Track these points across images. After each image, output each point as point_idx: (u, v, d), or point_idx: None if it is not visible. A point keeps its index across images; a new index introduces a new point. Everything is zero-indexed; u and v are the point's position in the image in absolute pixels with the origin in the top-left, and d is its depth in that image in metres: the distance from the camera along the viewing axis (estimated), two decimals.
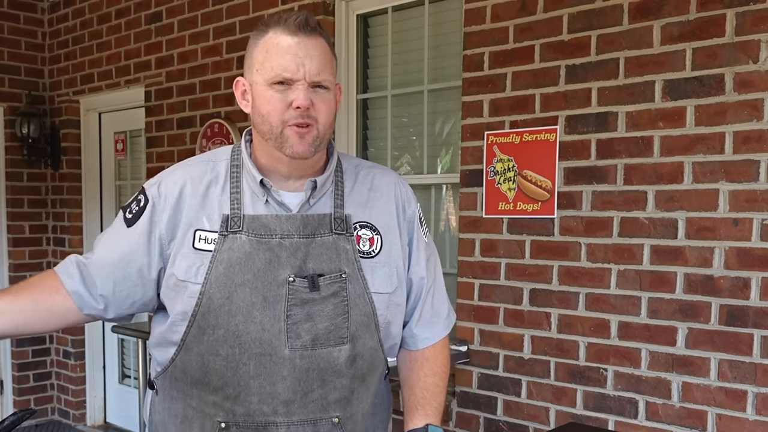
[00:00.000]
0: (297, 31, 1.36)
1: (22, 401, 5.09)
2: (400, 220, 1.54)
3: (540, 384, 2.75)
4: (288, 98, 1.36)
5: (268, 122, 1.38)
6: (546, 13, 2.68)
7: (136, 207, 1.45)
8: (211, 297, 1.37)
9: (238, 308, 1.37)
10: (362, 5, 3.47)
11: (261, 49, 1.38)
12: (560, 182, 2.67)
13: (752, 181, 2.26)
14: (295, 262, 1.40)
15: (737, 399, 2.30)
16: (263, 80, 1.37)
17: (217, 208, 1.42)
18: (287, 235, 1.40)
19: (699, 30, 2.34)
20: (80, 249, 5.06)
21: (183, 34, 4.13)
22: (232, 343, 1.38)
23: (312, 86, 1.37)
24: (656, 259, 2.45)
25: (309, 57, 1.36)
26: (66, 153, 5.05)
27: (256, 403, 1.40)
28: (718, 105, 2.31)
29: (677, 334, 2.42)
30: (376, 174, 1.56)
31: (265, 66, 1.37)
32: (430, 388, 1.55)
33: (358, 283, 1.44)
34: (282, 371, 1.39)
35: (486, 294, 2.89)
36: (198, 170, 1.47)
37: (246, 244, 1.39)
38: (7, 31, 4.98)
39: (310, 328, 1.39)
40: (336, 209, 1.46)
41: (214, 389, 1.42)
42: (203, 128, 3.99)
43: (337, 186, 1.49)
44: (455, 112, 3.15)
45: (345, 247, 1.44)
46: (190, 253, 1.40)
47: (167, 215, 1.42)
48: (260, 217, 1.41)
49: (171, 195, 1.43)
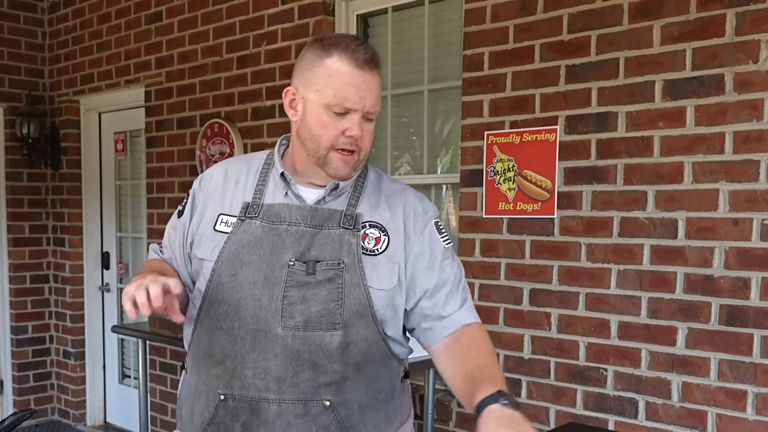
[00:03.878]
0: (363, 65, 1.44)
1: (22, 401, 5.09)
2: (410, 232, 1.56)
3: (540, 384, 2.76)
4: (342, 125, 1.45)
5: (316, 142, 1.47)
6: (546, 13, 2.68)
7: (186, 200, 1.65)
8: (220, 274, 1.49)
9: (241, 285, 1.48)
10: (362, 5, 3.48)
11: (324, 72, 1.45)
12: (560, 182, 2.67)
13: (752, 181, 2.26)
14: (299, 248, 1.48)
15: (737, 399, 2.30)
16: (321, 102, 1.45)
17: (241, 196, 1.55)
18: (294, 222, 1.50)
19: (699, 30, 2.34)
20: (80, 249, 5.07)
21: (183, 34, 4.13)
22: (233, 317, 1.48)
23: (364, 117, 1.46)
24: (656, 259, 2.45)
25: (369, 91, 1.45)
26: (66, 153, 5.05)
27: (250, 377, 1.48)
28: (718, 105, 2.31)
29: (677, 334, 2.42)
30: (396, 187, 1.62)
31: (327, 90, 1.44)
32: (488, 364, 1.45)
33: (356, 273, 1.48)
34: (275, 348, 1.46)
35: (486, 294, 2.89)
36: (234, 165, 1.62)
37: (258, 228, 1.51)
38: (7, 31, 4.98)
39: (303, 310, 1.46)
40: (348, 207, 1.54)
41: (217, 362, 1.51)
42: (203, 128, 3.99)
43: (356, 189, 1.57)
44: (455, 112, 3.15)
45: (349, 241, 1.50)
46: (211, 234, 1.54)
47: (200, 204, 1.60)
48: (274, 205, 1.53)
49: (208, 186, 1.61)
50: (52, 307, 5.21)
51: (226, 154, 3.86)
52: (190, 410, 1.59)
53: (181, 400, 1.66)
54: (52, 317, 5.21)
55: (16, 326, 5.07)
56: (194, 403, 1.57)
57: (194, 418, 1.56)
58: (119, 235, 5.06)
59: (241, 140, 3.83)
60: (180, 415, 1.66)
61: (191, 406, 1.59)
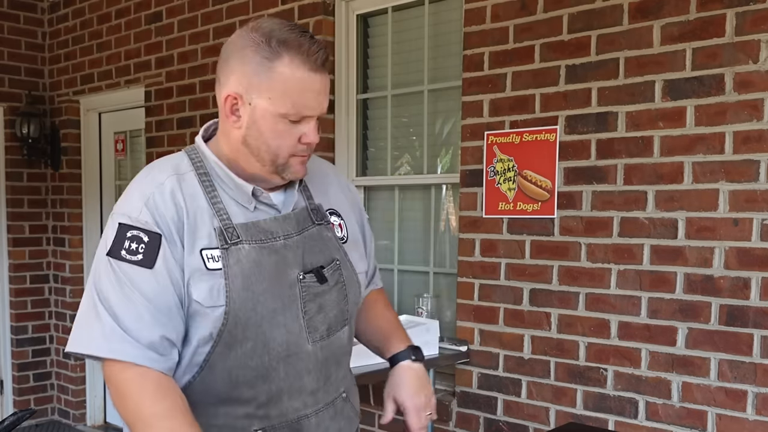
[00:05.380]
0: (320, 68, 1.33)
1: (22, 401, 5.09)
2: (351, 203, 1.62)
3: (540, 384, 2.75)
4: (298, 131, 1.35)
5: (274, 153, 1.36)
6: (546, 13, 2.68)
7: (141, 245, 1.30)
8: (237, 314, 1.33)
9: (263, 317, 1.36)
10: (362, 5, 3.47)
11: (277, 79, 1.30)
12: (560, 182, 2.67)
13: (752, 181, 2.26)
14: (299, 259, 1.41)
15: (737, 399, 2.30)
16: (277, 111, 1.32)
17: (209, 222, 1.35)
18: (288, 235, 1.41)
19: (699, 30, 2.34)
20: (80, 249, 5.07)
21: (183, 34, 4.13)
22: (261, 352, 1.37)
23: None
24: (656, 259, 2.45)
25: (325, 94, 1.36)
26: (66, 153, 5.05)
27: (287, 401, 1.43)
28: (718, 105, 2.31)
29: (677, 334, 2.42)
30: (314, 160, 1.53)
31: (283, 99, 1.31)
32: (391, 318, 1.70)
33: (347, 266, 1.50)
34: (307, 365, 1.43)
35: (486, 294, 2.89)
36: (174, 188, 1.36)
37: (251, 252, 1.35)
38: (7, 31, 4.97)
39: (323, 318, 1.44)
40: (309, 201, 1.49)
41: (245, 401, 1.40)
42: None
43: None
44: (455, 112, 3.14)
45: (328, 236, 1.48)
46: (205, 275, 1.33)
47: (169, 243, 1.32)
48: (258, 223, 1.38)
49: (164, 220, 1.33)
50: (52, 307, 5.21)
51: None
52: None
53: None
54: (52, 317, 5.21)
55: (16, 326, 5.07)
56: None
57: None
58: None
59: None
60: None
61: None
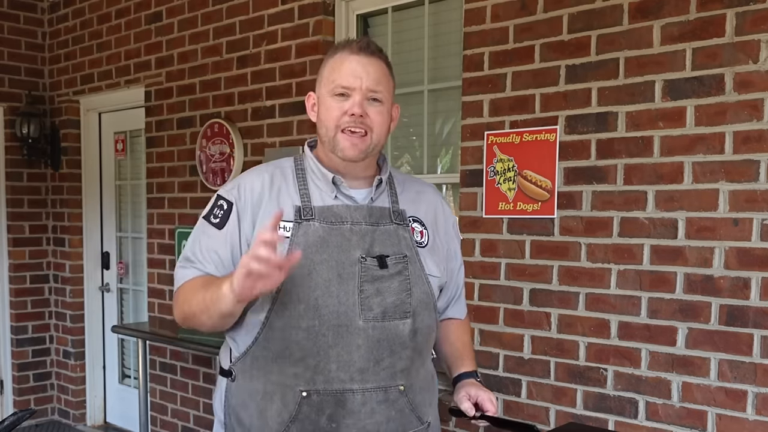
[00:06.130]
0: (359, 51, 1.60)
1: (22, 401, 5.09)
2: (440, 223, 1.79)
3: (540, 384, 2.76)
4: (344, 107, 1.59)
5: (324, 126, 1.62)
6: (546, 13, 2.68)
7: (221, 212, 1.64)
8: (293, 275, 1.51)
9: (317, 284, 1.55)
10: (362, 5, 3.47)
11: (328, 67, 1.64)
12: (560, 182, 2.67)
13: (752, 181, 2.26)
14: (364, 245, 1.60)
15: (737, 399, 2.30)
16: (327, 92, 1.62)
17: (289, 201, 1.62)
18: (357, 222, 1.62)
19: (699, 30, 2.34)
20: (80, 249, 5.07)
21: (183, 34, 4.13)
22: (312, 315, 1.54)
23: (368, 98, 1.59)
24: (656, 259, 2.45)
25: (366, 72, 1.59)
26: (66, 153, 5.05)
27: (334, 370, 1.56)
28: (718, 105, 2.31)
29: (677, 334, 2.42)
30: (417, 182, 1.85)
31: (329, 80, 1.62)
32: (467, 342, 1.87)
33: (416, 265, 1.66)
34: (357, 341, 1.56)
35: (486, 294, 2.89)
36: (269, 174, 1.68)
37: (319, 229, 1.59)
38: (7, 31, 4.97)
39: (380, 302, 1.58)
40: (393, 204, 1.70)
41: (296, 361, 1.57)
42: (203, 128, 3.99)
43: (391, 186, 1.73)
44: (455, 112, 3.15)
45: (404, 236, 1.67)
46: None
47: (249, 213, 1.62)
48: (331, 207, 1.62)
49: (251, 195, 1.64)
50: (52, 307, 5.21)
51: (226, 154, 3.86)
52: (260, 413, 1.61)
53: (237, 407, 1.66)
54: (52, 317, 5.21)
55: (16, 326, 5.07)
56: (265, 406, 1.60)
57: (269, 420, 1.60)
58: (119, 235, 5.06)
59: (241, 140, 3.83)
60: (238, 421, 1.66)
61: (260, 409, 1.61)
